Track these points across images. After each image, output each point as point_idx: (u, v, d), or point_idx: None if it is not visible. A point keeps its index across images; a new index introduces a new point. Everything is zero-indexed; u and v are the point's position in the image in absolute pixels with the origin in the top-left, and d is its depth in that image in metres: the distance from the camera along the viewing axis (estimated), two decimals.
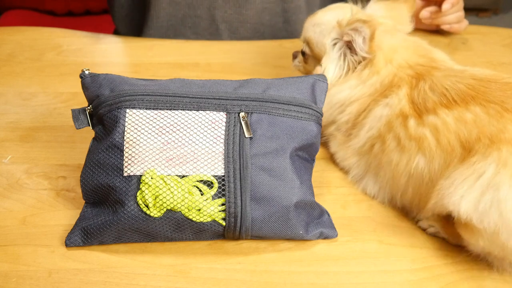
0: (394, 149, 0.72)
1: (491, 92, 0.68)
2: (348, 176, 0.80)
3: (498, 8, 2.79)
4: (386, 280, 0.66)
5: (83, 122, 0.70)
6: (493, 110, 0.65)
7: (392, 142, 0.73)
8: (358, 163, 0.78)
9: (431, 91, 0.72)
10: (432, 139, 0.68)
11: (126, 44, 1.10)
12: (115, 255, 0.67)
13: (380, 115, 0.75)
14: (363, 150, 0.77)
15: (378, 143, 0.75)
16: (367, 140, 0.76)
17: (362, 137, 0.77)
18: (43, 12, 1.73)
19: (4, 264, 0.65)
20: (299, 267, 0.67)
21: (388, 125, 0.74)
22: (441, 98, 0.70)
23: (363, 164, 0.78)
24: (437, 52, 0.80)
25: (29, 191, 0.75)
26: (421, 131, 0.70)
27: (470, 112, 0.67)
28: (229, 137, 0.66)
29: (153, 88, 0.68)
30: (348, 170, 0.80)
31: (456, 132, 0.66)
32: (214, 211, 0.64)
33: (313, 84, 0.72)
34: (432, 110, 0.70)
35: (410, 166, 0.70)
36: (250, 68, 1.03)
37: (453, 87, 0.70)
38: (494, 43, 1.13)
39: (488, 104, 0.66)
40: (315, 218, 0.70)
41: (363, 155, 0.77)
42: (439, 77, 0.73)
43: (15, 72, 0.99)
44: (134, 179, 0.64)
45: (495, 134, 0.63)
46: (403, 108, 0.73)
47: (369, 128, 0.76)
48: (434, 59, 0.78)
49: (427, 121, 0.70)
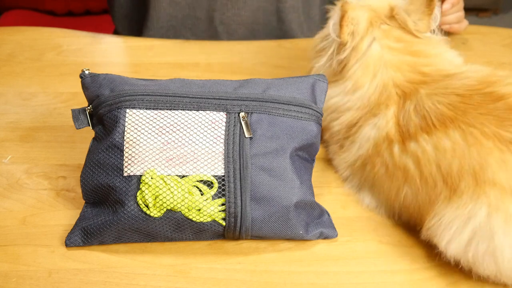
0: (383, 175, 0.72)
1: (471, 110, 0.65)
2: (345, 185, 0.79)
3: (498, 8, 2.79)
4: (386, 280, 0.66)
5: (83, 122, 0.70)
6: (472, 137, 0.63)
7: (381, 168, 0.72)
8: (352, 177, 0.78)
9: (414, 113, 0.70)
10: (415, 171, 0.67)
11: (126, 44, 1.10)
12: (115, 255, 0.67)
13: (369, 136, 0.74)
14: (355, 167, 0.76)
15: (369, 165, 0.74)
16: (358, 158, 0.76)
17: (353, 153, 0.76)
18: (43, 12, 1.73)
19: (4, 264, 0.65)
20: (299, 267, 0.67)
21: (376, 148, 0.73)
22: (422, 121, 0.68)
23: (357, 180, 0.77)
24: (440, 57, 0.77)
25: (29, 191, 0.75)
26: (404, 160, 0.69)
27: (449, 139, 0.65)
28: (229, 137, 0.66)
29: (153, 88, 0.68)
30: (344, 180, 0.79)
31: (436, 163, 0.65)
32: (214, 211, 0.64)
33: (313, 84, 0.72)
34: (413, 136, 0.68)
35: (400, 195, 0.70)
36: (250, 68, 1.03)
37: (433, 109, 0.68)
38: (494, 43, 1.13)
39: (467, 128, 0.64)
40: (315, 218, 0.70)
41: (356, 171, 0.77)
42: (423, 97, 0.70)
43: (15, 72, 0.99)
44: (134, 179, 0.64)
45: (478, 172, 0.61)
46: (389, 132, 0.71)
47: (359, 147, 0.75)
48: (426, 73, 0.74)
49: (409, 149, 0.68)
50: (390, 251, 0.69)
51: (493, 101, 0.66)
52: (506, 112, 0.64)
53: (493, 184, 0.60)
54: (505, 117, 0.64)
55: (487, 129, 0.63)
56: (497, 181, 0.60)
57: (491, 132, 0.63)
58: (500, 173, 0.60)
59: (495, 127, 0.63)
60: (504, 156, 0.61)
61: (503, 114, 0.64)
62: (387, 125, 0.72)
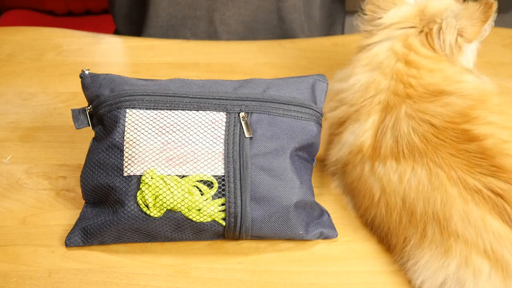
0: (356, 190, 0.71)
1: (442, 147, 0.64)
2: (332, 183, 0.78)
3: (498, 8, 2.79)
4: (386, 280, 0.66)
5: (83, 122, 0.70)
6: (438, 180, 0.62)
7: (355, 182, 0.71)
8: (337, 176, 0.77)
9: (391, 132, 0.68)
10: (382, 198, 0.66)
11: (126, 44, 1.10)
12: (115, 255, 0.67)
13: (348, 141, 0.73)
14: (336, 168, 0.76)
15: (346, 174, 0.73)
16: (338, 160, 0.75)
17: (335, 154, 0.76)
18: (43, 12, 1.73)
19: (4, 264, 0.65)
20: (299, 267, 0.67)
21: (351, 157, 0.72)
22: (393, 145, 0.67)
23: (339, 183, 0.77)
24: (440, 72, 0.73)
25: (29, 191, 0.75)
26: (372, 182, 0.68)
27: (415, 176, 0.63)
28: (229, 137, 0.66)
29: (153, 88, 0.68)
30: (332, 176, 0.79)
31: (401, 197, 0.64)
32: (214, 211, 0.64)
33: (313, 84, 0.72)
34: (383, 158, 0.67)
35: (368, 215, 0.70)
36: (250, 68, 1.03)
37: (406, 135, 0.66)
38: (494, 43, 1.13)
39: (435, 168, 0.62)
40: (315, 218, 0.70)
41: (339, 172, 0.76)
42: (402, 117, 0.68)
43: (15, 72, 0.99)
44: (134, 179, 0.64)
45: (442, 221, 0.60)
46: (364, 143, 0.70)
47: (340, 149, 0.75)
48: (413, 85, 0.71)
49: (376, 172, 0.67)
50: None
51: (467, 141, 0.63)
52: (477, 156, 0.62)
53: (457, 236, 0.59)
54: (475, 162, 0.62)
55: (453, 173, 0.61)
56: (460, 234, 0.59)
57: (458, 177, 0.61)
58: (463, 225, 0.59)
59: (462, 172, 0.61)
60: (467, 207, 0.59)
61: (473, 158, 0.62)
62: (364, 134, 0.71)
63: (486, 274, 0.57)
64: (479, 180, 0.61)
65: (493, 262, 0.57)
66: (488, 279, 0.57)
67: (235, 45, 1.10)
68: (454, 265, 0.59)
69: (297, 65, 1.05)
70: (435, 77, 0.72)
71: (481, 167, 0.61)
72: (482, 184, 0.60)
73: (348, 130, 0.74)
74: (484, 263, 0.58)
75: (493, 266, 0.57)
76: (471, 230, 0.59)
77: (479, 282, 0.57)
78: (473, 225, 0.59)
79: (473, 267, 0.58)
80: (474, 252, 0.58)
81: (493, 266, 0.57)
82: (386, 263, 0.68)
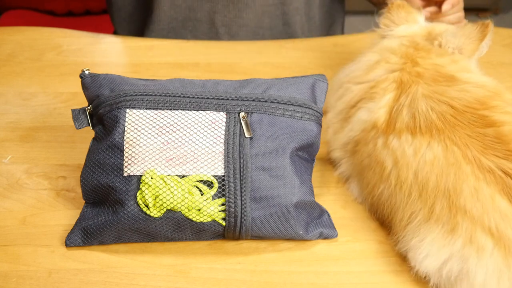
0: (367, 167, 0.72)
1: (459, 128, 0.65)
2: (335, 171, 0.79)
3: (498, 8, 2.79)
4: (386, 280, 0.66)
5: (83, 122, 0.70)
6: (453, 157, 0.63)
7: (366, 159, 0.72)
8: (344, 160, 0.78)
9: (407, 109, 0.70)
10: (392, 170, 0.67)
11: (126, 44, 1.10)
12: (115, 255, 0.67)
13: (361, 118, 0.74)
14: (347, 149, 0.77)
15: (357, 153, 0.74)
16: (349, 140, 0.76)
17: (345, 134, 0.76)
18: (43, 12, 1.73)
19: (4, 264, 0.65)
20: (299, 267, 0.67)
21: (365, 134, 0.73)
22: (410, 120, 0.68)
23: (347, 166, 0.77)
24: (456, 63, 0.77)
25: (29, 191, 0.75)
26: (384, 156, 0.69)
27: (431, 150, 0.65)
28: (229, 137, 0.66)
29: (153, 88, 0.68)
30: (335, 164, 0.79)
31: (414, 171, 0.65)
32: (214, 211, 0.64)
33: (313, 84, 0.72)
34: (398, 132, 0.68)
35: (376, 191, 0.70)
36: (250, 68, 1.03)
37: (424, 112, 0.68)
38: (494, 43, 1.12)
39: (451, 145, 0.64)
40: (315, 218, 0.70)
41: (347, 155, 0.77)
42: (419, 96, 0.70)
43: (15, 72, 0.99)
44: (134, 179, 0.64)
45: (452, 195, 0.62)
46: (379, 119, 0.71)
47: (351, 128, 0.76)
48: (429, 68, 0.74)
49: (390, 145, 0.68)
50: (390, 251, 0.69)
51: (484, 126, 0.66)
52: (493, 140, 0.64)
53: (464, 212, 0.61)
54: (490, 145, 0.64)
55: (469, 152, 0.63)
56: (468, 210, 0.61)
57: (473, 156, 0.63)
58: (472, 202, 0.61)
59: (478, 153, 0.63)
60: (478, 185, 0.61)
61: (489, 141, 0.64)
62: (379, 111, 0.72)
63: (489, 251, 0.59)
64: (492, 161, 0.62)
65: (497, 240, 0.59)
66: (490, 256, 0.59)
67: (235, 45, 1.10)
68: (460, 242, 0.60)
69: (297, 65, 1.05)
70: (445, 59, 0.76)
71: (496, 150, 0.63)
72: (495, 165, 0.62)
73: (362, 109, 0.75)
74: (487, 240, 0.59)
75: (496, 244, 0.59)
76: (479, 206, 0.60)
77: (482, 259, 0.59)
78: (481, 202, 0.60)
79: (477, 244, 0.59)
80: (479, 229, 0.60)
81: (496, 244, 0.59)
82: (386, 263, 0.68)
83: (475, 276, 0.59)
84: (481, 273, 0.58)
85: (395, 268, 0.67)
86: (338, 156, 0.79)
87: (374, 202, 0.72)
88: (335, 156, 0.79)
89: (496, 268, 0.58)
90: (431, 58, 0.76)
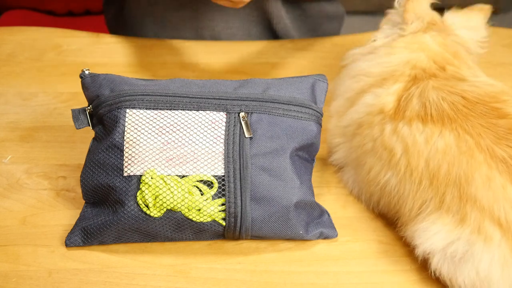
0: (369, 152, 0.72)
1: (472, 117, 0.65)
2: (330, 158, 0.79)
3: (498, 8, 2.79)
4: (386, 280, 0.66)
5: (83, 122, 0.70)
6: (466, 145, 0.63)
7: (369, 143, 0.72)
8: (341, 146, 0.77)
9: (417, 98, 0.70)
10: (402, 158, 0.67)
11: (126, 44, 1.10)
12: (115, 255, 0.67)
13: (367, 102, 0.74)
14: (346, 132, 0.76)
15: (358, 136, 0.74)
16: (351, 123, 0.75)
17: (349, 117, 0.76)
18: (43, 12, 1.73)
19: (4, 264, 0.65)
20: (299, 267, 0.67)
21: (369, 117, 0.72)
22: (421, 109, 0.68)
23: (345, 151, 0.77)
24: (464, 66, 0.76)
25: (29, 191, 0.75)
26: (394, 143, 0.68)
27: (443, 139, 0.65)
28: (229, 137, 0.66)
29: (153, 88, 0.68)
30: (331, 150, 0.79)
31: (425, 159, 0.65)
32: (214, 211, 0.64)
33: (313, 84, 0.72)
34: (408, 119, 0.68)
35: (381, 178, 0.70)
36: (250, 68, 1.03)
37: (435, 102, 0.68)
38: (494, 43, 1.12)
39: (463, 134, 0.64)
40: (315, 218, 0.70)
41: (346, 139, 0.76)
42: (430, 88, 0.70)
43: (15, 72, 0.99)
44: (134, 179, 0.64)
45: (463, 184, 0.62)
46: (386, 104, 0.71)
47: (355, 111, 0.75)
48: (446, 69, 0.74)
49: (400, 132, 0.68)
50: (390, 251, 0.69)
51: (497, 117, 0.65)
52: (506, 131, 0.64)
53: (474, 202, 0.61)
54: (503, 135, 0.64)
55: (482, 141, 0.63)
56: (478, 199, 0.61)
57: (486, 145, 0.63)
58: (483, 190, 0.61)
59: (491, 142, 0.63)
60: (491, 173, 0.61)
61: (502, 132, 0.64)
62: (387, 97, 0.72)
63: (497, 242, 0.59)
64: (505, 151, 0.62)
65: (505, 230, 0.59)
66: (498, 246, 0.59)
67: (235, 45, 1.10)
68: (468, 231, 0.60)
69: (297, 65, 1.05)
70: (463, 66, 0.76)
71: (509, 140, 0.63)
72: (508, 154, 0.62)
73: (370, 93, 0.75)
74: (495, 231, 0.59)
75: (504, 235, 0.59)
76: (490, 195, 0.60)
77: (489, 248, 0.59)
78: (493, 191, 0.61)
79: (484, 234, 0.60)
80: (488, 220, 0.60)
81: (504, 235, 0.59)
82: (386, 263, 0.68)
83: (480, 260, 0.59)
84: (486, 258, 0.59)
85: (395, 268, 0.67)
86: (337, 141, 0.78)
87: (376, 190, 0.71)
88: (333, 141, 0.79)
89: (501, 257, 0.59)
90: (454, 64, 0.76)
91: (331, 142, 0.80)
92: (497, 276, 0.59)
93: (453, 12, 0.83)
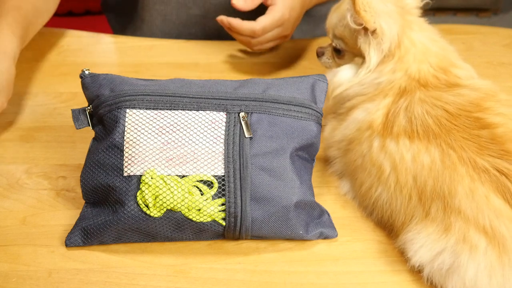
0: (359, 167, 0.72)
1: (455, 131, 0.66)
2: (329, 168, 0.79)
3: (498, 8, 2.79)
4: (386, 280, 0.66)
5: (83, 122, 0.70)
6: (449, 160, 0.64)
7: (358, 159, 0.72)
8: (338, 159, 0.78)
9: (404, 113, 0.70)
10: (391, 175, 0.68)
11: (126, 44, 1.10)
12: (115, 255, 0.67)
13: (357, 117, 0.74)
14: (341, 148, 0.77)
15: (350, 151, 0.74)
16: (343, 138, 0.76)
17: (341, 132, 0.76)
18: None
19: (4, 264, 0.65)
20: (299, 267, 0.67)
21: (359, 134, 0.73)
22: (407, 124, 0.69)
23: (342, 164, 0.77)
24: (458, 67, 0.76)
25: (29, 191, 0.75)
26: (382, 160, 0.69)
27: (429, 155, 0.65)
28: (229, 137, 0.66)
29: (153, 88, 0.68)
30: (329, 161, 0.79)
31: (413, 175, 0.66)
32: (214, 211, 0.64)
33: (313, 84, 0.72)
34: (395, 136, 0.69)
35: (373, 193, 0.70)
36: (250, 68, 1.03)
37: (420, 117, 0.68)
38: (494, 43, 1.13)
39: (447, 148, 0.65)
40: (315, 218, 0.70)
41: (341, 153, 0.77)
42: (416, 100, 0.70)
43: (15, 72, 0.99)
44: (134, 179, 0.64)
45: (447, 197, 0.62)
46: (375, 120, 0.72)
47: (346, 127, 0.76)
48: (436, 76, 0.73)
49: (388, 149, 0.69)
50: (390, 251, 0.69)
51: (479, 127, 0.66)
52: (488, 141, 0.65)
53: (458, 213, 0.61)
54: (485, 146, 0.64)
55: (464, 154, 0.64)
56: (462, 210, 0.61)
57: (468, 158, 0.64)
58: (466, 202, 0.61)
59: (473, 153, 0.64)
60: (473, 185, 0.62)
61: (484, 142, 0.65)
62: (376, 112, 0.72)
63: (483, 249, 0.59)
64: (487, 161, 0.63)
65: (491, 238, 0.60)
66: (484, 254, 0.59)
67: (235, 45, 1.10)
68: (453, 240, 0.61)
69: (297, 65, 1.05)
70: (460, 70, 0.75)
71: (491, 150, 0.64)
72: (490, 164, 0.63)
73: (360, 109, 0.75)
74: (481, 239, 0.60)
75: (489, 243, 0.60)
76: (473, 206, 0.61)
77: (475, 256, 0.59)
78: (476, 201, 0.61)
79: (470, 243, 0.60)
80: (473, 228, 0.60)
81: (490, 242, 0.60)
82: (386, 263, 0.68)
83: (466, 270, 0.59)
84: (472, 268, 0.59)
85: (395, 268, 0.67)
86: (333, 154, 0.79)
87: (369, 204, 0.72)
88: (330, 154, 0.80)
89: (488, 264, 0.59)
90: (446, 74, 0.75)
91: (328, 154, 0.80)
92: (485, 285, 0.59)
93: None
